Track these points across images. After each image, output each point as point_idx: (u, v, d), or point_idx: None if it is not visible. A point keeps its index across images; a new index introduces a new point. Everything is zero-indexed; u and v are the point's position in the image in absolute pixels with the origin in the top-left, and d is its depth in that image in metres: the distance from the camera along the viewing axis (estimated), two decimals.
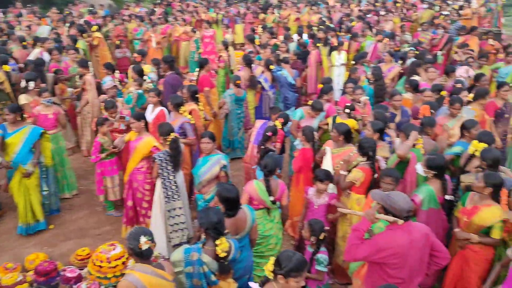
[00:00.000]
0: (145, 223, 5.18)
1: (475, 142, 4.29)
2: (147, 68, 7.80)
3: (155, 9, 16.78)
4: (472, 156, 4.37)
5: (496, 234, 3.59)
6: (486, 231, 3.67)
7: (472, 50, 9.62)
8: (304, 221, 4.39)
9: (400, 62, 8.59)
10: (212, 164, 4.76)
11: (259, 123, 5.94)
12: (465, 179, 4.20)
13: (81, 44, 9.73)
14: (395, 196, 3.02)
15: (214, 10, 15.94)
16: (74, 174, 6.55)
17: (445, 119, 5.44)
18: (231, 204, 3.57)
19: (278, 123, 5.52)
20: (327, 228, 4.48)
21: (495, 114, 6.04)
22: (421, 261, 3.06)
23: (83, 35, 10.07)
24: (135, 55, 8.60)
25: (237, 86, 7.10)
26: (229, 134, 7.32)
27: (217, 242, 3.08)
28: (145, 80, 7.11)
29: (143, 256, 2.94)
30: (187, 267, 3.08)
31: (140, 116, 5.15)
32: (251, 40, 10.18)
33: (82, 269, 4.53)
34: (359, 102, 6.15)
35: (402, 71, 8.34)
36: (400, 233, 2.98)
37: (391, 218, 2.99)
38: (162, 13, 15.32)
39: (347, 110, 5.63)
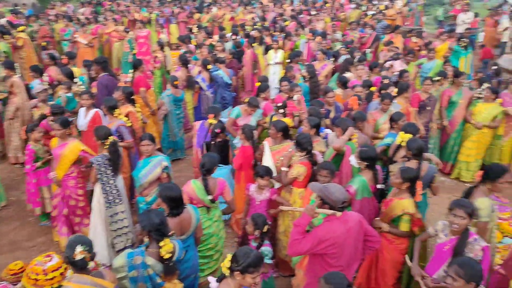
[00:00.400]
0: (81, 232, 4.99)
1: (401, 133, 4.61)
2: (77, 70, 7.47)
3: (84, 8, 16.08)
4: (399, 147, 4.69)
5: (403, 227, 3.81)
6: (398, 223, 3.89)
7: (397, 48, 10.29)
8: (246, 217, 4.46)
9: (332, 59, 8.95)
10: (153, 166, 4.69)
11: (197, 124, 5.95)
12: (394, 168, 4.49)
13: (1, 45, 9.10)
14: (331, 188, 3.17)
15: (146, 9, 15.58)
16: (1, 185, 6.14)
17: (378, 114, 5.78)
18: (175, 203, 3.56)
19: (211, 120, 5.58)
20: (269, 222, 4.61)
21: (419, 105, 6.54)
22: (356, 248, 3.23)
23: (4, 36, 9.42)
24: (63, 57, 8.21)
25: (175, 86, 7.03)
26: (171, 135, 7.23)
27: (161, 244, 3.06)
28: (75, 82, 6.81)
29: (78, 266, 2.85)
30: (131, 272, 3.03)
31: (66, 123, 4.91)
32: (183, 40, 10.11)
33: (16, 284, 4.27)
34: (294, 99, 6.33)
35: (334, 68, 8.70)
36: (337, 223, 3.12)
37: (329, 211, 3.13)
38: (91, 12, 14.72)
39: (281, 110, 5.72)
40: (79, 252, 2.80)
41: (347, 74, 7.68)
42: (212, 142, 5.60)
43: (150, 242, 3.16)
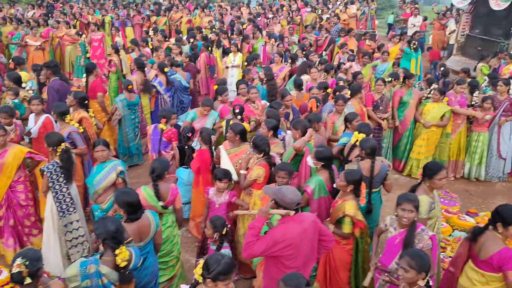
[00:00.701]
0: (31, 243, 4.78)
1: (356, 133, 4.74)
2: (25, 75, 7.16)
3: (34, 11, 15.45)
4: (354, 146, 4.83)
5: (345, 228, 3.87)
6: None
7: (352, 50, 10.58)
8: (206, 221, 4.43)
9: (289, 62, 9.07)
10: (108, 171, 4.56)
11: (150, 129, 5.86)
12: (349, 167, 4.61)
13: None
14: (285, 190, 3.19)
15: (100, 12, 15.19)
16: None
17: (334, 116, 5.87)
18: (132, 208, 3.47)
19: (162, 126, 5.54)
20: (228, 225, 4.61)
21: (372, 104, 6.77)
22: (312, 248, 3.27)
23: None
24: (10, 62, 7.85)
25: (129, 91, 6.87)
26: (124, 140, 7.06)
27: (117, 251, 2.99)
28: (24, 88, 6.52)
29: (13, 280, 2.71)
30: (84, 281, 2.93)
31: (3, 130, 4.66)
32: (135, 43, 9.88)
33: None
34: (253, 103, 6.37)
35: (292, 70, 8.82)
36: (292, 224, 3.14)
37: (283, 211, 3.16)
38: (42, 14, 14.17)
39: (239, 117, 5.70)
40: (16, 265, 2.66)
41: (304, 77, 7.82)
42: (186, 147, 5.58)
43: (105, 250, 3.08)
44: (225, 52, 9.91)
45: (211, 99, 6.10)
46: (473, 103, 7.08)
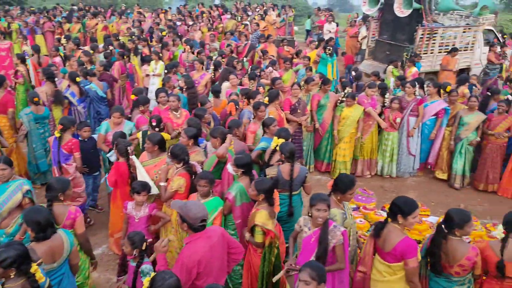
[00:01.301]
0: None
1: (275, 138, 4.82)
2: None
3: None
4: (274, 151, 4.90)
5: (256, 238, 3.89)
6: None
7: (273, 56, 10.83)
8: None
9: (212, 69, 9.03)
10: (12, 192, 4.16)
11: (51, 141, 5.54)
12: (270, 171, 4.67)
13: None
14: (190, 205, 3.13)
15: (5, 19, 14.05)
16: None
17: (255, 125, 5.79)
18: (41, 227, 3.21)
19: (57, 133, 5.31)
20: (150, 240, 4.44)
21: (289, 109, 6.95)
22: (222, 262, 3.23)
23: None
24: None
25: (35, 103, 6.37)
26: (32, 157, 6.54)
27: (32, 270, 2.78)
28: None
29: None
30: None
31: None
32: (22, 59, 8.72)
33: None
34: (176, 111, 6.22)
35: (214, 77, 8.78)
36: (201, 242, 3.07)
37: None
38: None
39: (156, 129, 5.55)
40: None
41: (224, 84, 7.83)
42: None
43: (6, 280, 2.81)
44: (144, 60, 9.62)
45: (121, 106, 5.85)
46: (385, 104, 7.55)
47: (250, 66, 9.60)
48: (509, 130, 6.97)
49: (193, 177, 4.48)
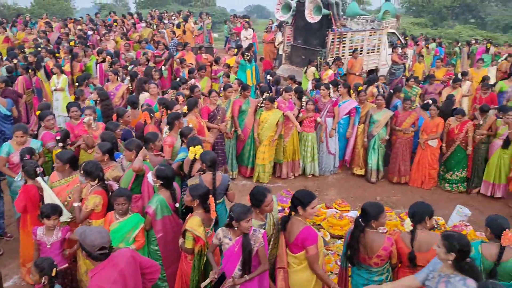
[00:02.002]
0: None
1: (191, 147, 4.73)
2: None
3: None
4: (194, 161, 4.82)
5: (186, 243, 3.83)
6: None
7: (192, 64, 10.73)
8: None
9: (128, 79, 8.71)
10: None
11: None
12: (191, 182, 4.59)
13: None
14: (89, 232, 2.93)
15: None
16: None
17: (172, 139, 5.55)
18: None
19: None
20: (65, 266, 4.16)
21: (208, 116, 6.90)
22: (136, 285, 3.06)
23: None
24: None
25: None
26: None
27: None
28: None
29: None
30: None
31: None
32: None
33: None
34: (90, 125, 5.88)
35: (132, 88, 8.46)
36: (106, 272, 2.88)
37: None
38: None
39: (60, 144, 5.24)
40: None
41: (143, 95, 7.60)
42: None
43: None
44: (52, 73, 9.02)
45: (23, 124, 5.40)
46: (302, 107, 7.79)
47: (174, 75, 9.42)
48: (414, 125, 7.56)
49: (110, 194, 4.27)
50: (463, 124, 7.23)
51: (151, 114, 5.89)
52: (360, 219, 3.63)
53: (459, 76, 9.99)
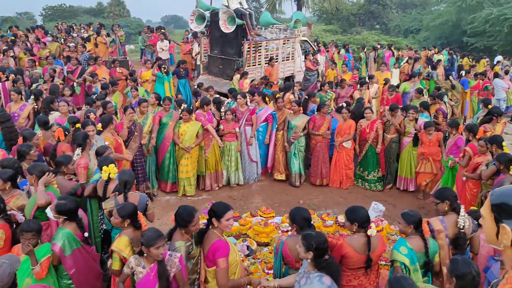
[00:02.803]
0: None
1: (105, 167, 4.49)
2: None
3: None
4: (108, 181, 4.58)
5: (113, 265, 3.65)
6: None
7: (105, 78, 10.25)
8: None
9: (32, 98, 8.08)
10: None
11: None
12: (106, 205, 4.35)
13: None
14: None
15: None
16: None
17: (85, 160, 5.21)
18: None
19: None
20: None
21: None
22: None
23: None
24: None
25: None
26: None
27: None
28: None
29: None
30: None
31: None
32: None
33: None
34: None
35: (36, 106, 7.86)
36: None
37: None
38: None
39: None
40: None
41: (53, 114, 7.09)
42: None
43: None
44: None
45: None
46: (222, 117, 7.79)
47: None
48: (329, 128, 7.91)
49: (14, 226, 3.90)
50: (372, 123, 7.71)
51: (66, 132, 5.51)
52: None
53: (367, 79, 10.66)
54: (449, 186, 6.45)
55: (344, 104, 8.08)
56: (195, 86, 10.58)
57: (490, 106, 7.80)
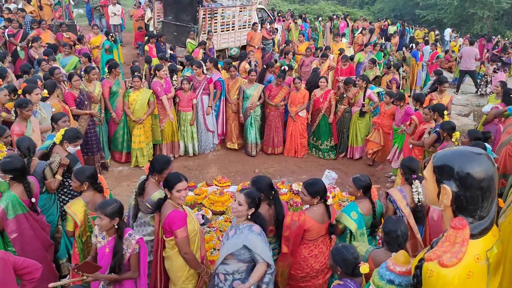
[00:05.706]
0: None
1: (59, 134, 4.41)
2: None
3: None
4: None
5: (67, 226, 3.67)
6: None
7: (48, 44, 9.64)
8: None
9: None
10: None
11: None
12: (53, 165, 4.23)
13: None
14: None
15: None
16: None
17: (21, 125, 4.91)
18: None
19: None
20: None
21: (75, 102, 6.37)
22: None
23: None
24: None
25: None
26: None
27: None
28: None
29: None
30: None
31: None
32: None
33: None
34: None
35: None
36: None
37: None
38: None
39: None
40: None
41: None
42: None
43: None
44: None
45: None
46: (175, 85, 7.61)
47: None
48: (285, 98, 7.94)
49: None
50: (326, 93, 7.82)
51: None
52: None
53: (325, 51, 10.71)
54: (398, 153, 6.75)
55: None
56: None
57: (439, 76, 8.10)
